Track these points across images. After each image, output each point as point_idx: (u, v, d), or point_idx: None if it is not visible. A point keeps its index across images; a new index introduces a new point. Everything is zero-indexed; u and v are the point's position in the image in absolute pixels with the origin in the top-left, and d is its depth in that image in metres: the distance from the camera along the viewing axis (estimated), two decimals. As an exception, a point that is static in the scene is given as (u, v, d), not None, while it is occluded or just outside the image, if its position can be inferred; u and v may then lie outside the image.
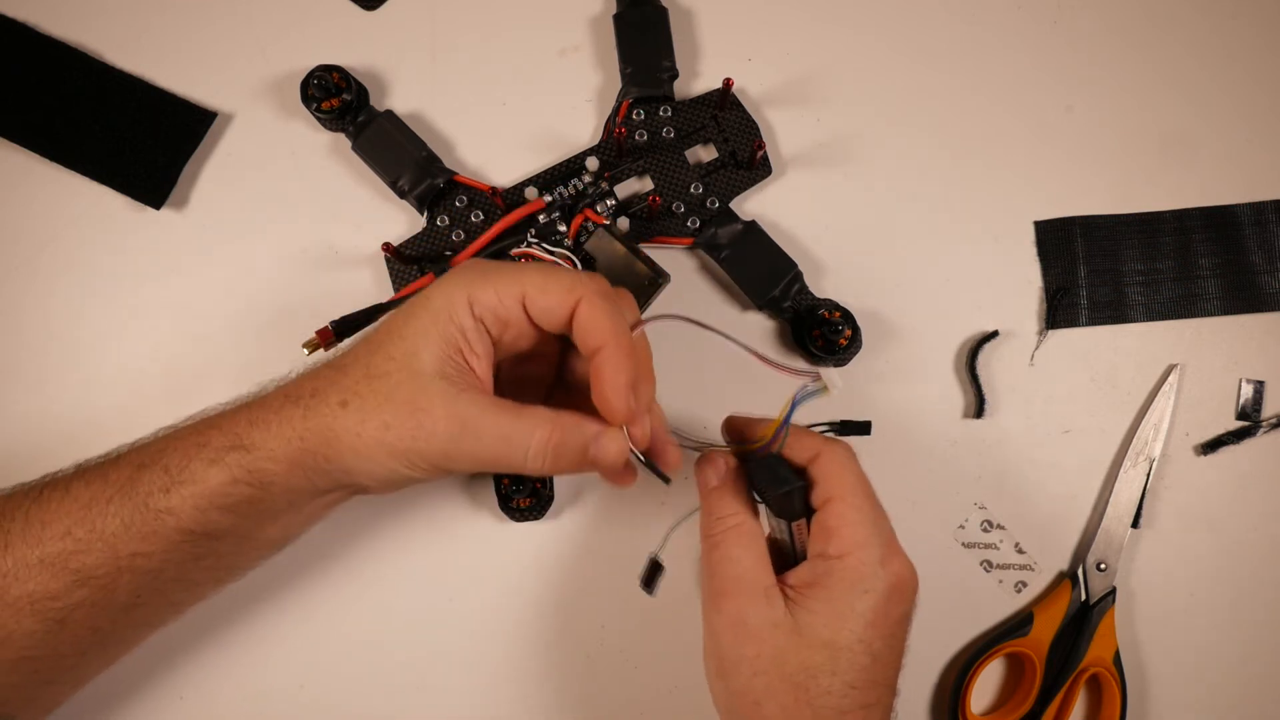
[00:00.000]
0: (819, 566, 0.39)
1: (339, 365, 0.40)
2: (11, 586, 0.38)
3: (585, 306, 0.38)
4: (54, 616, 0.39)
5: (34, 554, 0.38)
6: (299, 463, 0.39)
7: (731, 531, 0.40)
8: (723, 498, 0.41)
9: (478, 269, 0.40)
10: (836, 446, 0.40)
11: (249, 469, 0.39)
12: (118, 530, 0.39)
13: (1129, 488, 0.51)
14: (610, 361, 0.38)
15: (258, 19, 0.54)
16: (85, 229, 0.52)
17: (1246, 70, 0.55)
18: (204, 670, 0.49)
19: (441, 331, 0.38)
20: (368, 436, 0.38)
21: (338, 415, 0.38)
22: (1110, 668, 0.50)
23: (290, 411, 0.39)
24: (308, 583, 0.49)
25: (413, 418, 0.37)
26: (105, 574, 0.39)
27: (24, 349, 0.51)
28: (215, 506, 0.39)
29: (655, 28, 0.53)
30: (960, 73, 0.55)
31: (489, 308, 0.39)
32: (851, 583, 0.38)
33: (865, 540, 0.38)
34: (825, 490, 0.39)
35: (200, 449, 0.39)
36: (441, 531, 0.50)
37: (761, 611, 0.38)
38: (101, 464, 0.41)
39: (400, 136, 0.51)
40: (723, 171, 0.52)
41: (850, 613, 0.38)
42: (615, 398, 0.37)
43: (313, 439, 0.39)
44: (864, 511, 0.39)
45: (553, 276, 0.39)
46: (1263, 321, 0.53)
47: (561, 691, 0.49)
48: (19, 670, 0.39)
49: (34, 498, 0.40)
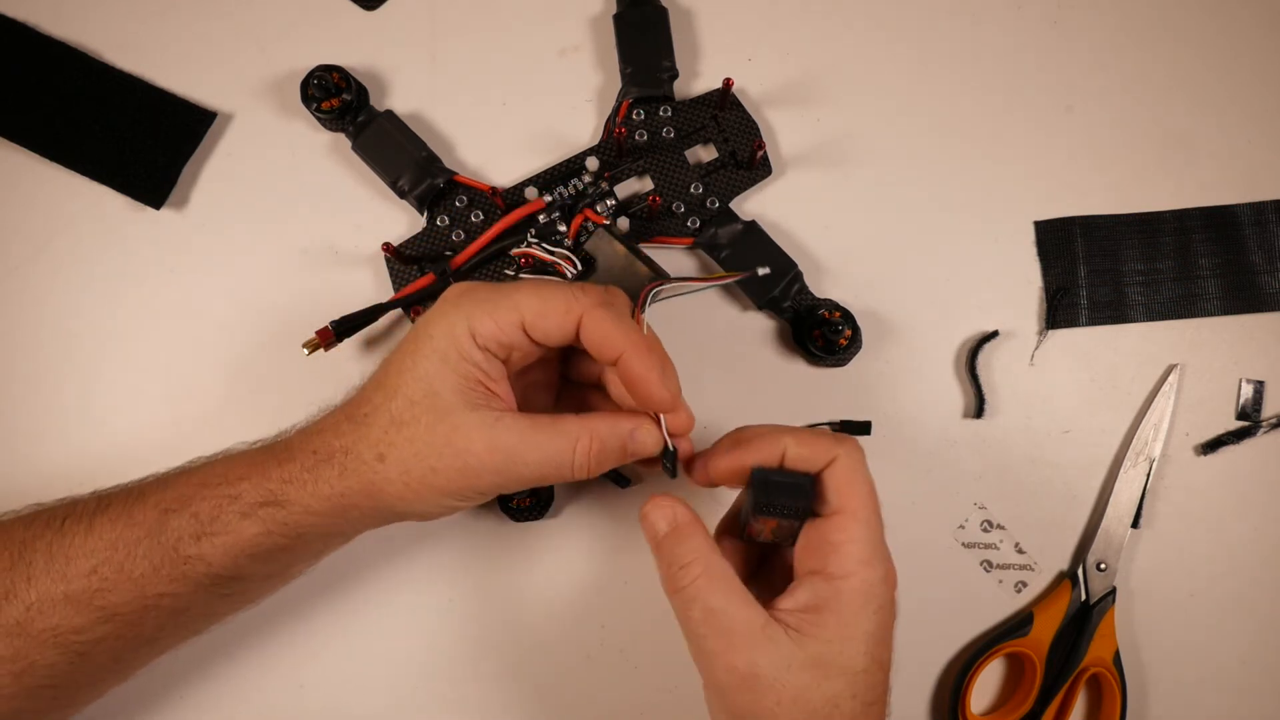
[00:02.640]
0: (821, 588, 0.37)
1: (359, 418, 0.39)
2: (36, 619, 0.38)
3: (590, 321, 0.38)
4: (77, 650, 0.39)
5: (59, 589, 0.38)
6: (341, 514, 0.39)
7: (702, 579, 0.37)
8: (679, 543, 0.38)
9: (471, 297, 0.39)
10: (853, 452, 0.38)
11: (284, 523, 0.39)
12: (146, 572, 0.39)
13: (1129, 488, 0.51)
14: (636, 364, 0.38)
15: (258, 19, 0.54)
16: (85, 229, 0.52)
17: (1246, 70, 0.55)
18: (204, 670, 0.49)
19: (454, 369, 0.38)
20: (415, 483, 0.38)
21: (378, 470, 0.38)
22: (1110, 668, 0.50)
23: (325, 472, 0.39)
24: (308, 583, 0.49)
25: (458, 458, 0.38)
26: (132, 612, 0.39)
27: (23, 349, 0.51)
28: (247, 555, 0.39)
29: (655, 28, 0.53)
30: (960, 73, 0.55)
31: (491, 337, 0.38)
32: (861, 604, 0.36)
33: (869, 558, 0.37)
34: (837, 501, 0.37)
35: (232, 501, 0.39)
36: (441, 532, 0.50)
37: (770, 657, 0.36)
38: (124, 499, 0.40)
39: (400, 136, 0.51)
40: (723, 171, 0.52)
41: (861, 634, 0.36)
42: (657, 393, 0.38)
43: (354, 495, 0.39)
44: (872, 528, 0.37)
45: (548, 298, 0.38)
46: (1263, 321, 0.53)
47: (561, 691, 0.49)
48: (38, 697, 0.39)
49: (56, 529, 0.39)
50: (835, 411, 0.52)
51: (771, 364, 0.52)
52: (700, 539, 0.38)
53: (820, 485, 0.38)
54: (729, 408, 0.51)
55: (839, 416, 0.51)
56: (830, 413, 0.52)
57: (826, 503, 0.38)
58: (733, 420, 0.51)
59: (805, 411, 0.52)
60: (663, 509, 0.39)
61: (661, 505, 0.39)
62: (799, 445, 0.38)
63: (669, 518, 0.38)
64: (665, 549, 0.38)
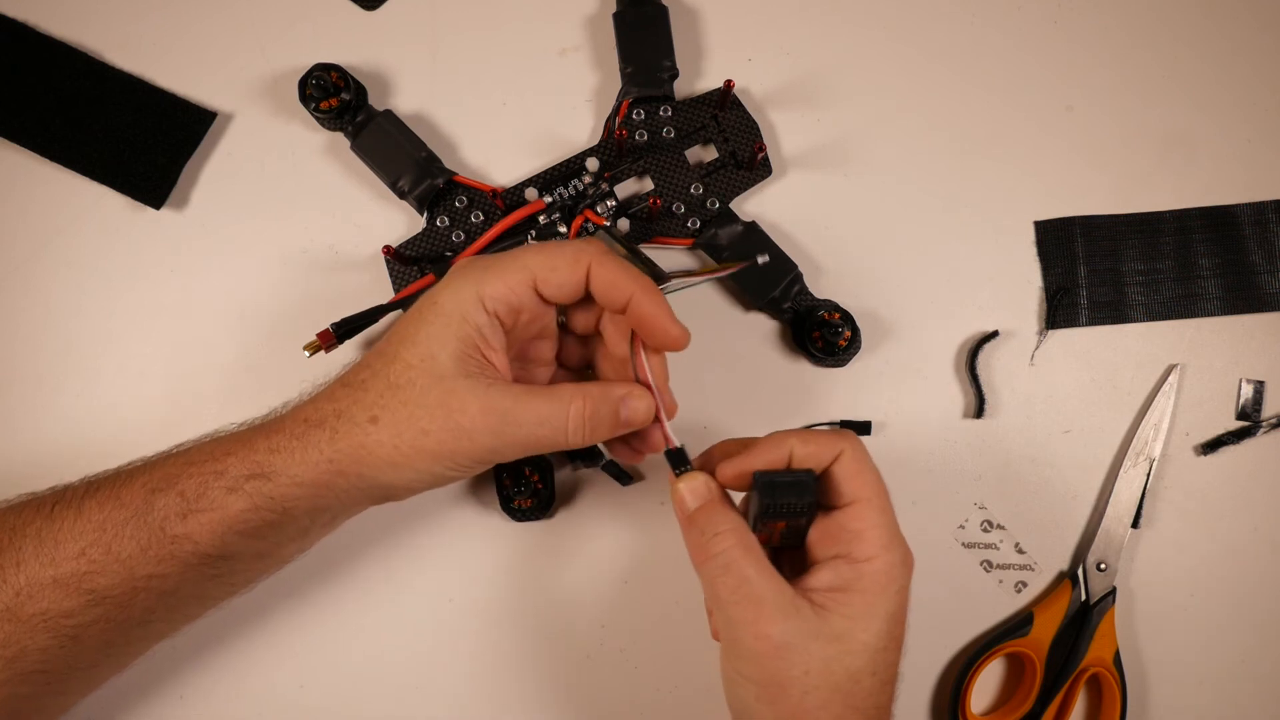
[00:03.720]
0: (845, 570, 0.38)
1: (355, 383, 0.40)
2: (25, 604, 0.38)
3: (598, 268, 0.39)
4: (68, 633, 0.39)
5: (47, 573, 0.38)
6: (327, 485, 0.39)
7: (736, 549, 0.37)
8: (712, 513, 0.39)
9: (479, 265, 0.40)
10: (856, 444, 0.39)
11: (270, 496, 0.39)
12: (134, 553, 0.39)
13: (1129, 488, 0.51)
14: (647, 303, 0.39)
15: (257, 19, 0.54)
16: (85, 229, 0.52)
17: (1247, 70, 0.55)
18: (204, 669, 0.49)
19: (456, 333, 0.38)
20: (406, 446, 0.38)
21: (369, 432, 0.38)
22: (1110, 668, 0.50)
23: (315, 436, 0.39)
24: (308, 582, 0.49)
25: (450, 420, 0.38)
26: (121, 594, 0.39)
27: (23, 349, 0.51)
28: (234, 532, 0.39)
29: (655, 27, 0.53)
30: (960, 73, 0.55)
31: (501, 299, 0.39)
32: (885, 585, 0.37)
33: (889, 542, 0.38)
34: (850, 491, 0.38)
35: (217, 476, 0.39)
36: (442, 531, 0.50)
37: (800, 627, 0.37)
38: (113, 482, 0.40)
39: (400, 136, 0.51)
40: (723, 172, 0.52)
41: (883, 613, 0.37)
42: (671, 327, 0.40)
43: (343, 460, 0.39)
44: (887, 513, 0.38)
45: (555, 254, 0.40)
46: (1263, 321, 0.53)
47: (562, 692, 0.49)
48: (31, 682, 0.39)
49: (45, 514, 0.39)
50: (835, 412, 0.52)
51: (771, 364, 0.52)
52: (733, 512, 0.39)
53: (831, 479, 0.38)
54: (729, 408, 0.51)
55: (839, 417, 0.52)
56: (830, 413, 0.52)
57: (841, 494, 0.38)
58: (733, 420, 0.51)
59: (805, 412, 0.52)
60: (695, 484, 0.40)
61: (694, 480, 0.40)
62: (804, 445, 0.38)
63: (701, 494, 0.39)
64: (698, 520, 0.39)
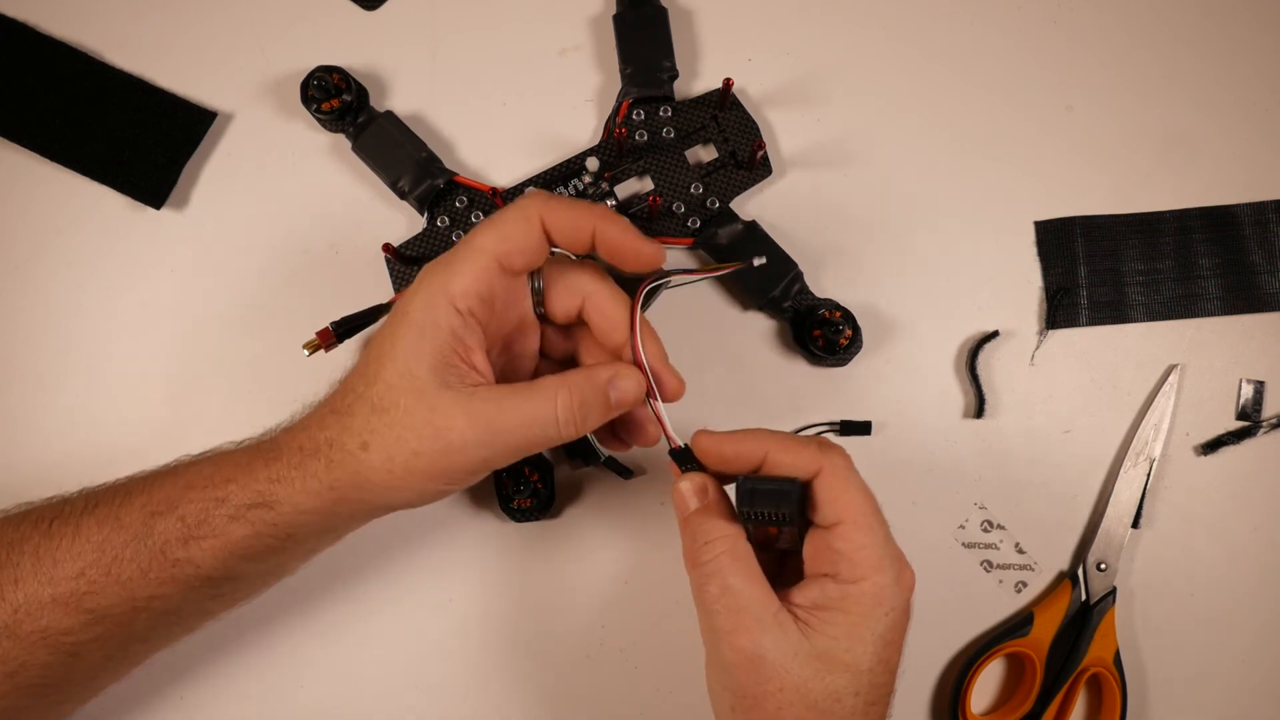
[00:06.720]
0: (831, 590, 0.37)
1: (342, 408, 0.39)
2: (24, 622, 0.38)
3: (551, 216, 0.39)
4: (67, 650, 0.39)
5: (46, 592, 0.38)
6: (330, 510, 0.39)
7: (725, 557, 0.37)
8: (706, 519, 0.38)
9: (441, 265, 0.39)
10: (838, 459, 0.37)
11: (273, 524, 0.39)
12: (134, 576, 0.38)
13: (1129, 488, 0.51)
14: (613, 229, 0.39)
15: (258, 19, 0.54)
16: (85, 229, 0.52)
17: (1247, 70, 0.55)
18: (204, 671, 0.49)
19: (431, 344, 0.38)
20: (400, 469, 0.38)
21: (363, 459, 0.38)
22: (1110, 668, 0.50)
23: (312, 465, 0.39)
24: (308, 584, 0.49)
25: (439, 439, 0.37)
26: (121, 613, 0.39)
27: (23, 348, 0.51)
28: (236, 556, 0.39)
29: (655, 28, 0.53)
30: (960, 73, 0.55)
31: (471, 294, 0.38)
32: (871, 607, 0.36)
33: (879, 563, 0.37)
34: (833, 512, 0.37)
35: (219, 504, 0.39)
36: (442, 532, 0.50)
37: (778, 642, 0.36)
38: (111, 500, 0.40)
39: (400, 137, 0.51)
40: (723, 172, 0.52)
41: (871, 635, 0.36)
42: (643, 244, 0.39)
43: (343, 486, 0.39)
44: (876, 532, 0.37)
45: (505, 223, 0.39)
46: (1263, 321, 0.53)
47: (562, 691, 0.49)
48: (30, 695, 0.39)
49: (43, 531, 0.39)
50: (835, 411, 0.52)
51: (772, 364, 0.52)
52: (728, 519, 0.38)
53: (814, 497, 0.37)
54: (729, 408, 0.51)
55: (839, 416, 0.52)
56: (830, 413, 0.52)
57: (823, 515, 0.37)
58: (733, 420, 0.51)
59: (805, 411, 0.52)
60: (695, 484, 0.39)
61: (694, 480, 0.39)
62: (782, 452, 0.38)
63: (700, 494, 0.39)
64: (692, 524, 0.38)
